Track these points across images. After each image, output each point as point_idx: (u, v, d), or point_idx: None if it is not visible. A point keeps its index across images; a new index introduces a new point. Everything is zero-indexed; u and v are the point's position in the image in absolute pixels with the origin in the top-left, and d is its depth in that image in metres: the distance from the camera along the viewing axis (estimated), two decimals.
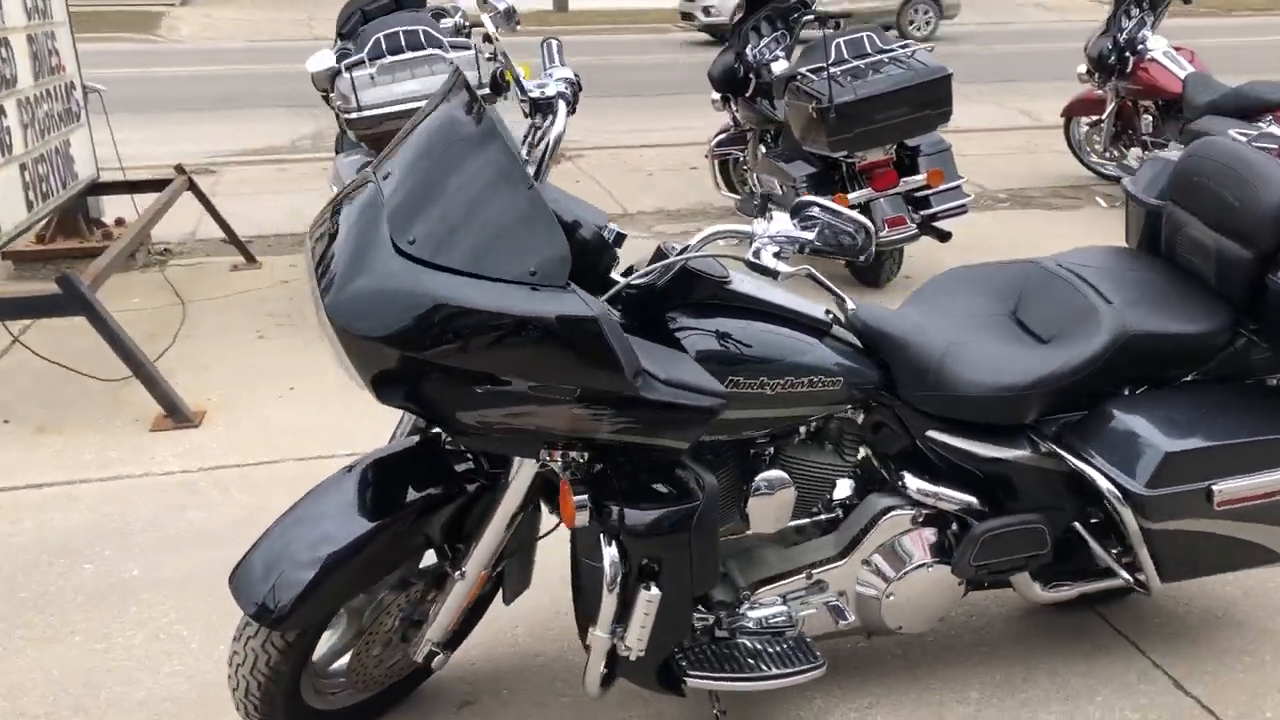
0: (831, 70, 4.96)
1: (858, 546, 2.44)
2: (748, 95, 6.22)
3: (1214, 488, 2.33)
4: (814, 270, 2.04)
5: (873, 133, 5.02)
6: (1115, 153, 7.56)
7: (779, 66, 6.22)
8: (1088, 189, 7.63)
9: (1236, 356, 2.51)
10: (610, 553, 2.07)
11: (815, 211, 1.98)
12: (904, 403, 2.41)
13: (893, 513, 2.44)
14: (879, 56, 5.14)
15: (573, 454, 2.09)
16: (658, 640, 2.16)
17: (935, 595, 2.48)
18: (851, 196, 5.18)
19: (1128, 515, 2.33)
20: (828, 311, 2.39)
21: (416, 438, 2.35)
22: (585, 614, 2.21)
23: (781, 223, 2.04)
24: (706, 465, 2.19)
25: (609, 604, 2.09)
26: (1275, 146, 2.56)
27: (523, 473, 2.16)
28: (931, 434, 2.42)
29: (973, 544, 2.41)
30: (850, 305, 2.02)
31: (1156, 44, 7.02)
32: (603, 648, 2.16)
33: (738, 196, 6.68)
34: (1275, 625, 2.86)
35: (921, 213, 5.32)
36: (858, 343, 2.39)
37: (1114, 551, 2.54)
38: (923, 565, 2.44)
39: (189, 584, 3.06)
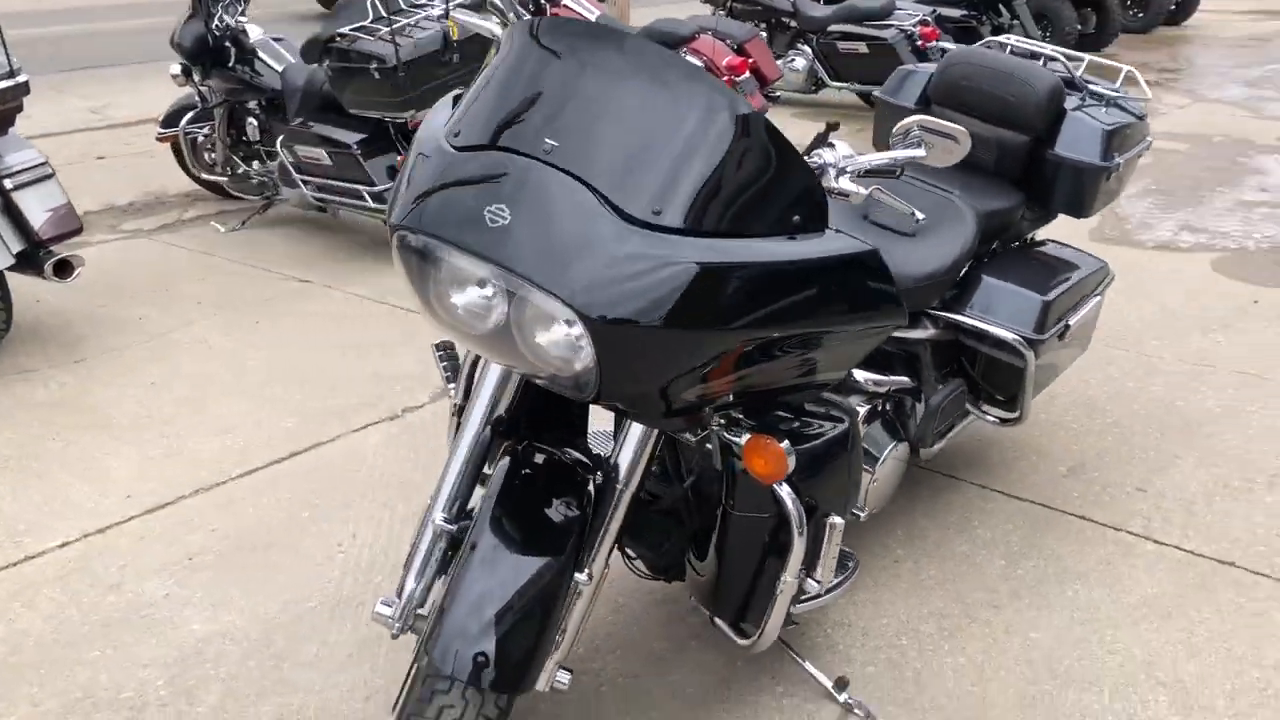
0: (382, 29, 4.78)
1: None
2: (229, 65, 5.69)
3: (1068, 323, 2.92)
4: (883, 189, 2.17)
5: (437, 88, 4.94)
6: None
7: (255, 31, 5.81)
8: None
9: (1017, 224, 3.12)
10: (787, 493, 2.05)
11: (916, 131, 2.12)
12: None
13: (861, 409, 2.67)
14: (419, 12, 5.04)
15: (731, 412, 2.02)
16: (836, 569, 2.19)
17: (898, 472, 2.78)
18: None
19: (1030, 358, 2.81)
20: None
21: (508, 459, 2.05)
22: (747, 573, 2.15)
23: (844, 148, 2.14)
24: None
25: (799, 547, 2.07)
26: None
27: (647, 447, 2.03)
28: None
29: (932, 415, 2.75)
30: (920, 217, 2.21)
31: None
32: (791, 592, 2.13)
33: (214, 177, 6.10)
34: (1019, 432, 3.59)
35: None
36: None
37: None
38: (892, 447, 2.72)
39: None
